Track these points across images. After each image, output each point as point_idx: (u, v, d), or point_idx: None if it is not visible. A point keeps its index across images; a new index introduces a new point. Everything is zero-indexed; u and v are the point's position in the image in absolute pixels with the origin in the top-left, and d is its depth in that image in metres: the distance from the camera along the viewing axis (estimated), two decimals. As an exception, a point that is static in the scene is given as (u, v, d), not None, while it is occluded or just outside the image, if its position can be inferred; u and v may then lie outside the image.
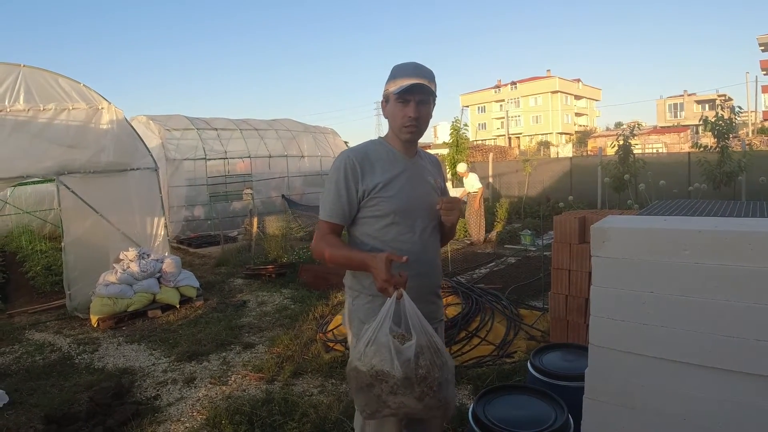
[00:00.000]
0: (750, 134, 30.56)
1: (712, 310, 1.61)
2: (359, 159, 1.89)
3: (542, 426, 1.97)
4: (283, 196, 12.07)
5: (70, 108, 6.11)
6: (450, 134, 13.79)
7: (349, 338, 2.02)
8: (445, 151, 14.69)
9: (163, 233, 6.88)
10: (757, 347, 1.55)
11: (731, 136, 10.00)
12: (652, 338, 1.75)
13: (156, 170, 6.89)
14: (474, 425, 1.99)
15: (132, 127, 6.91)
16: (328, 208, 1.91)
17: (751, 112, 36.19)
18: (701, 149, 10.40)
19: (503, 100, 61.16)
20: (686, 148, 24.99)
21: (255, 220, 9.02)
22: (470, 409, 2.11)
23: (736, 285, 1.56)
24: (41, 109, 5.88)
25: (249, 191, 10.02)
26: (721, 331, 1.60)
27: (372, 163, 1.90)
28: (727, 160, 9.47)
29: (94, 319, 5.39)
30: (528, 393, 2.24)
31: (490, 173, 16.36)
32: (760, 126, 35.96)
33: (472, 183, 9.68)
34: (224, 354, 4.49)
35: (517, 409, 2.13)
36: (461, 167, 10.06)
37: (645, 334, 1.76)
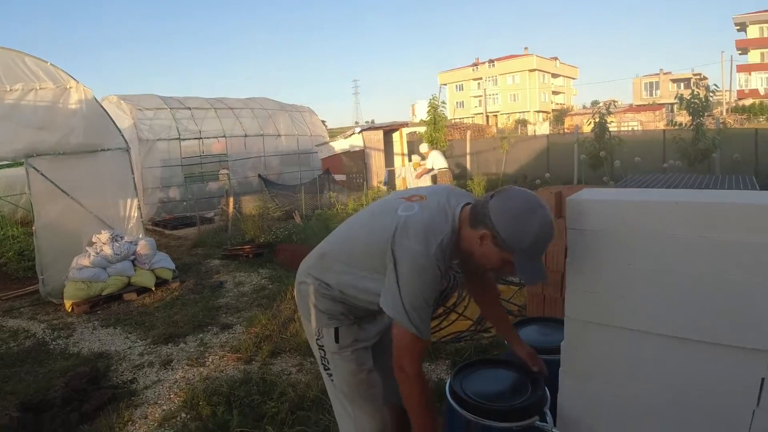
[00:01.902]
0: (724, 113, 31.09)
1: (689, 282, 1.61)
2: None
3: (519, 399, 1.97)
4: (259, 176, 11.91)
5: (38, 88, 5.90)
6: (427, 112, 13.73)
7: (312, 324, 1.94)
8: (422, 129, 14.63)
9: (136, 215, 6.75)
10: (734, 319, 1.56)
11: (706, 114, 10.14)
12: (628, 310, 1.74)
13: (128, 151, 6.73)
14: (451, 399, 2.00)
15: (102, 107, 6.72)
16: (424, 322, 1.63)
17: (726, 91, 36.82)
18: (676, 127, 10.53)
19: (481, 78, 61.08)
20: (661, 126, 25.35)
21: (231, 201, 8.90)
22: (447, 384, 2.10)
23: (713, 257, 1.56)
24: (8, 89, 5.66)
25: (225, 171, 9.89)
26: (698, 303, 1.61)
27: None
28: (702, 137, 9.58)
29: (68, 303, 5.28)
30: (505, 366, 2.25)
31: (468, 151, 16.36)
32: (734, 105, 36.61)
33: (433, 160, 9.66)
34: (201, 335, 4.45)
35: (494, 383, 2.13)
36: (423, 147, 10.13)
37: (621, 307, 1.75)
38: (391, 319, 1.75)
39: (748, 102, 38.02)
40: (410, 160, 12.10)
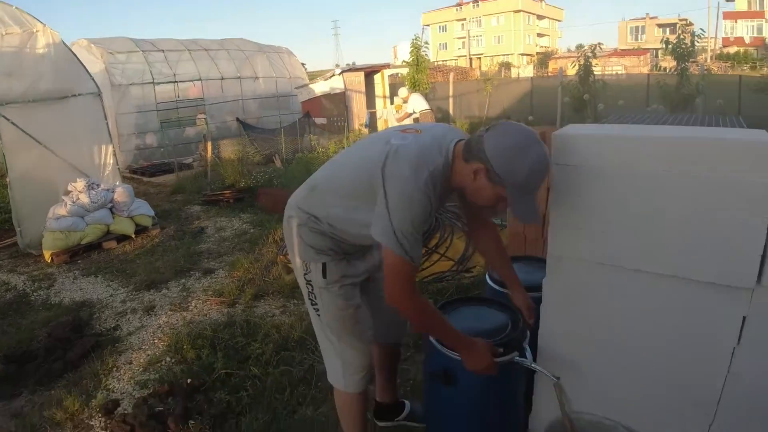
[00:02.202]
0: (709, 60, 30.87)
1: (674, 218, 1.60)
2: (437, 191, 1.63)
3: (499, 335, 1.99)
4: (238, 119, 11.61)
5: (3, 33, 5.58)
6: (410, 53, 13.35)
7: (300, 259, 1.92)
8: (404, 71, 14.31)
9: (112, 162, 6.57)
10: (717, 257, 1.56)
11: (691, 60, 10.05)
12: (611, 247, 1.74)
13: (99, 96, 6.47)
14: (431, 337, 2.01)
15: (72, 51, 6.41)
16: (414, 248, 1.60)
17: (711, 38, 36.44)
18: (661, 71, 10.45)
19: (465, 20, 59.54)
20: (646, 71, 25.14)
21: (210, 146, 8.69)
22: None
23: (698, 193, 1.54)
24: (-28, 36, 5.35)
25: (202, 116, 9.62)
26: (682, 240, 1.60)
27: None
28: (686, 82, 9.54)
29: (47, 254, 5.20)
30: (485, 304, 2.26)
31: (450, 94, 16.11)
32: (719, 52, 36.31)
33: (414, 104, 9.50)
34: (183, 281, 4.43)
35: (475, 320, 2.14)
36: (402, 92, 9.93)
37: (604, 243, 1.74)
38: (381, 257, 1.76)
39: (732, 50, 37.77)
40: (392, 102, 11.89)
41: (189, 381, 2.86)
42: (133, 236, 5.69)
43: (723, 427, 1.75)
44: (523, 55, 55.94)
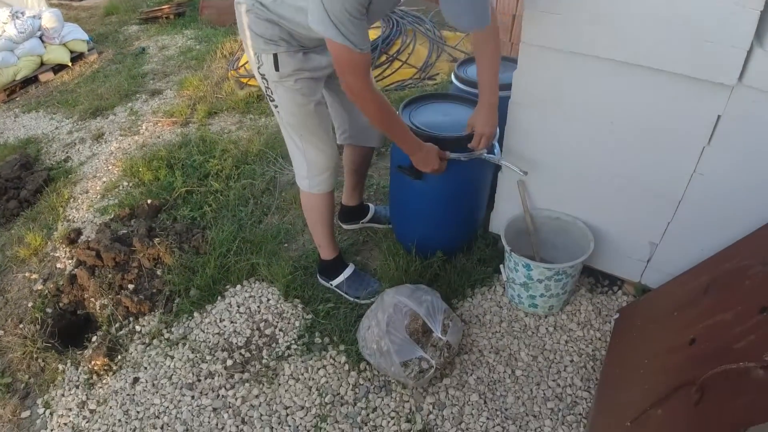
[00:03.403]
0: None
1: (658, 3, 1.41)
2: None
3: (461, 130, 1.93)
4: None
5: None
6: None
7: (251, 51, 1.74)
8: None
9: (32, -15, 5.74)
10: (699, 49, 1.41)
11: None
12: (587, 34, 1.57)
13: None
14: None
15: None
16: (356, 34, 1.43)
17: None
18: None
19: None
20: None
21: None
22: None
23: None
24: None
25: None
26: (664, 29, 1.44)
27: None
28: None
29: (-17, 97, 4.76)
30: (453, 101, 2.20)
31: None
32: None
33: None
34: (130, 104, 4.13)
35: (443, 115, 2.10)
36: None
37: (580, 30, 1.57)
38: None
39: None
40: None
41: (150, 202, 2.79)
42: (70, 64, 5.21)
43: (681, 224, 1.77)
44: None
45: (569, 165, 1.90)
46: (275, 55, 1.68)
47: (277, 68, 1.70)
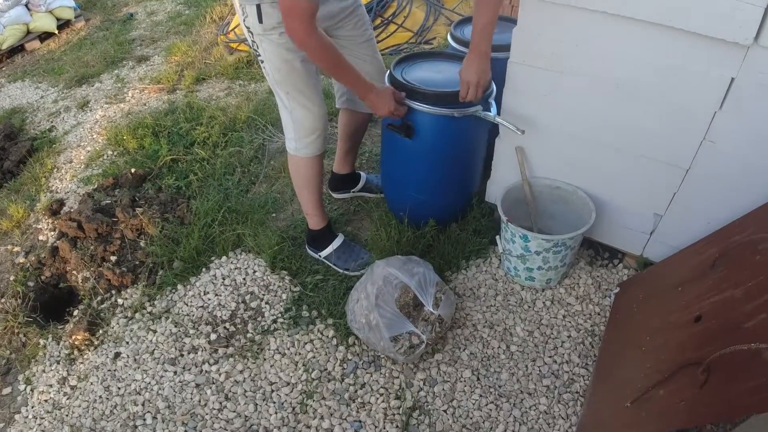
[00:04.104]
0: None
1: None
2: None
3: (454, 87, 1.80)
4: None
5: None
6: None
7: (236, 6, 1.66)
8: None
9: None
10: (716, 3, 1.28)
11: None
12: None
13: None
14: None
15: None
16: None
17: None
18: None
19: None
20: None
21: None
22: (387, 73, 1.97)
23: None
24: None
25: None
26: None
27: None
28: None
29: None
30: (448, 59, 2.08)
31: None
32: None
33: None
34: (117, 72, 3.99)
35: (437, 72, 1.99)
36: None
37: None
38: (339, 7, 1.76)
39: None
40: None
41: (134, 171, 2.68)
42: (57, 32, 5.05)
43: (688, 194, 1.67)
44: None
45: (570, 130, 1.79)
46: (258, 6, 1.58)
47: (260, 20, 1.61)
